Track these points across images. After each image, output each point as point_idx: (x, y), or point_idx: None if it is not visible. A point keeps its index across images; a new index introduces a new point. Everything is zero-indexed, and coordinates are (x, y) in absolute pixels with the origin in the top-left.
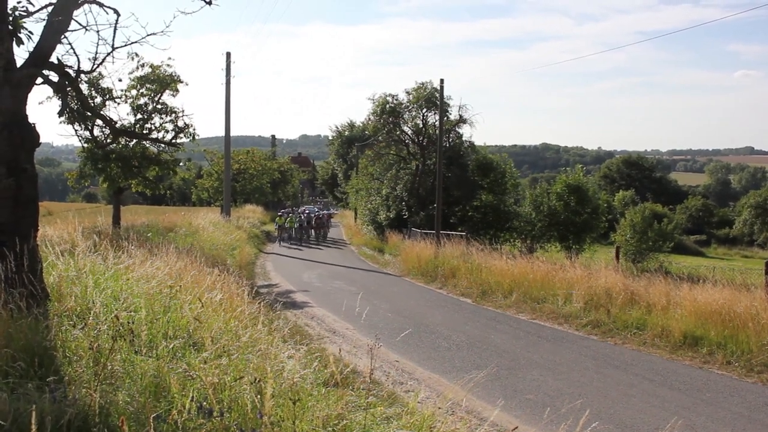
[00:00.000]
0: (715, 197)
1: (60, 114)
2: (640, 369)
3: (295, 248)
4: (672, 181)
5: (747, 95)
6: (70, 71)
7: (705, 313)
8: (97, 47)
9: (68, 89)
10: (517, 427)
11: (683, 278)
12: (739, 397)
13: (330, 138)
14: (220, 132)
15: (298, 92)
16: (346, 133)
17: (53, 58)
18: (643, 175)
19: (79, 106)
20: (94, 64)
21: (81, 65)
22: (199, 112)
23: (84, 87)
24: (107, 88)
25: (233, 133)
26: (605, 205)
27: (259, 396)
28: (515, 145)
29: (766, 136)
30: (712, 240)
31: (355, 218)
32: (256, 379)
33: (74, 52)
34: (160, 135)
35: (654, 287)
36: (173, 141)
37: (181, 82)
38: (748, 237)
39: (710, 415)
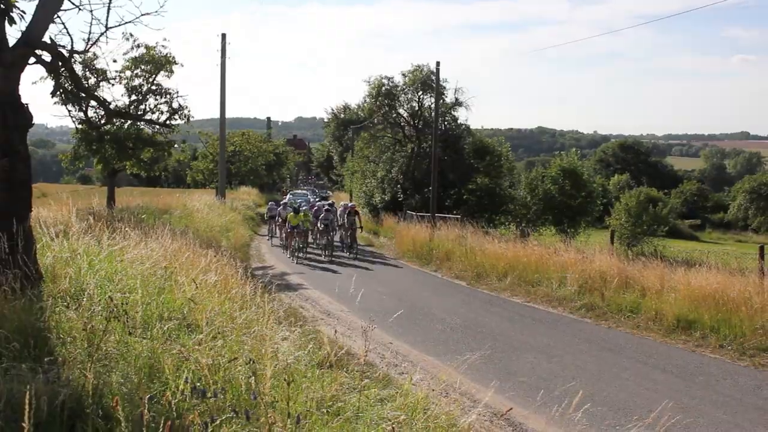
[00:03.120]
0: (710, 182)
1: (53, 94)
2: (634, 352)
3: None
4: (667, 166)
5: (743, 80)
6: (63, 51)
7: (698, 297)
8: (90, 27)
9: (61, 70)
10: (511, 409)
11: (677, 262)
12: (731, 380)
13: (325, 120)
14: (216, 114)
15: (294, 74)
16: (342, 115)
17: (46, 38)
18: (638, 159)
19: (72, 87)
20: (87, 44)
21: (74, 45)
22: (194, 93)
23: (78, 68)
24: (101, 69)
25: (228, 115)
26: (600, 189)
27: (253, 377)
28: (511, 129)
29: (762, 122)
30: (707, 224)
31: (351, 199)
32: (250, 360)
33: (67, 32)
34: (155, 116)
35: (648, 271)
36: (168, 122)
37: (176, 64)
38: (743, 222)
39: (703, 398)
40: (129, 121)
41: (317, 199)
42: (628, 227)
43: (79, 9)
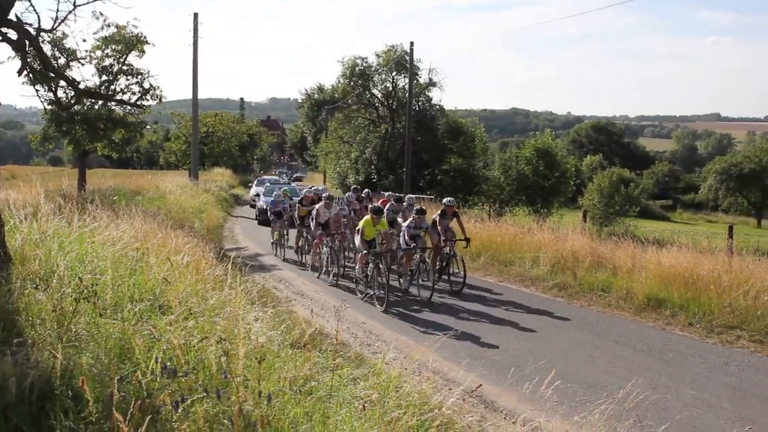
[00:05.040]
0: (681, 163)
1: (19, 73)
2: (605, 330)
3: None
4: (640, 147)
5: (715, 63)
6: (30, 29)
7: (669, 276)
8: (58, 4)
9: (28, 48)
10: (480, 385)
11: (649, 242)
12: (699, 357)
13: (299, 101)
14: (188, 95)
15: (268, 55)
16: (316, 96)
17: (12, 16)
18: (611, 140)
19: (40, 66)
20: (55, 23)
21: (42, 23)
22: (167, 74)
23: (47, 47)
24: (71, 48)
25: (201, 96)
26: (573, 169)
27: (225, 357)
28: (485, 110)
29: (733, 103)
30: (678, 205)
31: (324, 181)
32: (221, 339)
33: (34, 10)
34: (126, 97)
35: (620, 251)
36: (139, 103)
37: (148, 44)
38: (713, 202)
39: (672, 375)
40: (100, 102)
41: (288, 180)
42: (600, 207)
43: None
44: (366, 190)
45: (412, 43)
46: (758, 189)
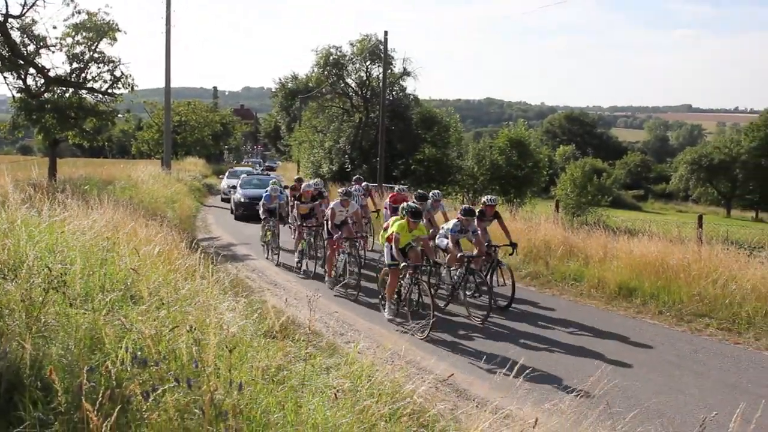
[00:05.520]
0: (653, 153)
1: None
2: (577, 319)
3: None
4: (612, 137)
5: (686, 54)
6: None
7: (640, 265)
8: None
9: None
10: (452, 374)
11: (620, 231)
12: (669, 345)
13: (273, 90)
14: (161, 83)
15: (241, 43)
16: (290, 85)
17: None
18: (584, 130)
19: (9, 53)
20: (24, 8)
21: (9, 9)
22: (139, 62)
23: (16, 34)
24: (40, 35)
25: (174, 84)
26: (546, 159)
27: (197, 346)
28: (459, 100)
29: (704, 94)
30: (650, 195)
31: (298, 171)
32: (192, 328)
33: None
34: (97, 85)
35: (592, 240)
36: (110, 91)
37: (119, 31)
38: (684, 192)
39: (641, 362)
40: (70, 90)
41: (261, 170)
42: (573, 197)
43: None
44: (364, 183)
45: (386, 33)
46: (727, 179)
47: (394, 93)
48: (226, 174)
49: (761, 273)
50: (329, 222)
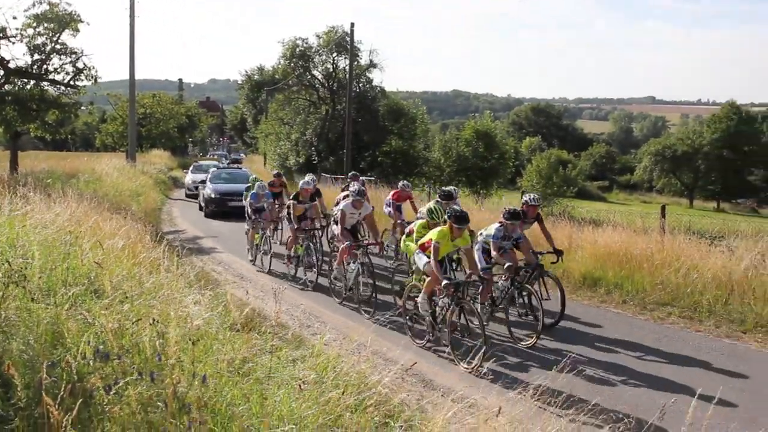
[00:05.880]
0: (618, 145)
1: None
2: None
3: None
4: (578, 129)
5: (651, 47)
6: None
7: (604, 255)
8: None
9: None
10: (415, 363)
11: (585, 222)
12: (632, 333)
13: (239, 82)
14: (125, 75)
15: (208, 35)
16: (256, 77)
17: None
18: (550, 122)
19: None
20: None
21: None
22: (103, 54)
23: None
24: (0, 26)
25: (139, 76)
26: (512, 151)
27: (161, 339)
28: (426, 92)
29: (667, 87)
30: (614, 186)
31: (265, 163)
32: (155, 320)
33: None
34: (60, 77)
35: (557, 231)
36: (73, 83)
37: (82, 22)
38: (648, 183)
39: (606, 351)
40: (32, 82)
41: (227, 164)
42: (539, 188)
43: None
44: (362, 178)
45: (352, 24)
46: (690, 170)
47: (360, 85)
48: (191, 168)
49: (721, 262)
50: (338, 227)
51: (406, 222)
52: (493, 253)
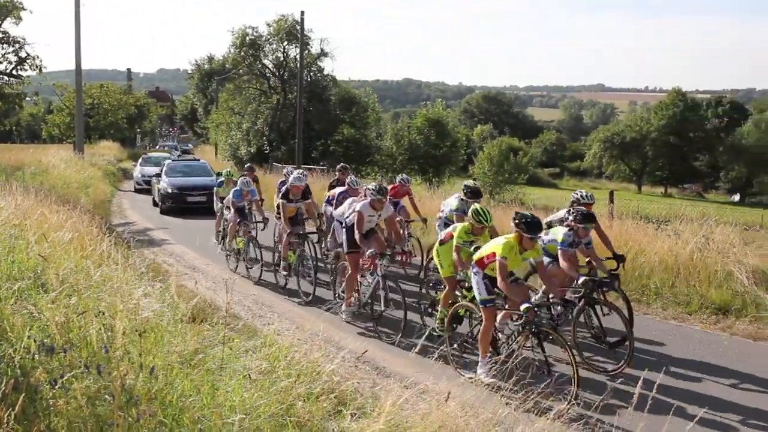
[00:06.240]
0: (568, 132)
1: None
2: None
3: None
4: (528, 116)
5: (602, 35)
6: None
7: None
8: None
9: None
10: (366, 351)
11: (536, 208)
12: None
13: (189, 72)
14: (71, 65)
15: (155, 23)
16: (206, 66)
17: None
18: (501, 110)
19: None
20: None
21: None
22: (48, 43)
23: None
24: None
25: (86, 66)
26: (464, 138)
27: (109, 332)
28: (378, 80)
29: (616, 75)
30: (565, 172)
31: (216, 154)
32: (100, 312)
33: None
34: (2, 66)
35: (508, 218)
36: (16, 72)
37: (24, 10)
38: (597, 170)
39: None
40: None
41: (178, 155)
42: (490, 176)
43: None
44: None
45: (302, 13)
46: (638, 156)
47: (311, 74)
48: (140, 161)
49: (668, 246)
50: (355, 231)
51: (406, 222)
52: (563, 263)
